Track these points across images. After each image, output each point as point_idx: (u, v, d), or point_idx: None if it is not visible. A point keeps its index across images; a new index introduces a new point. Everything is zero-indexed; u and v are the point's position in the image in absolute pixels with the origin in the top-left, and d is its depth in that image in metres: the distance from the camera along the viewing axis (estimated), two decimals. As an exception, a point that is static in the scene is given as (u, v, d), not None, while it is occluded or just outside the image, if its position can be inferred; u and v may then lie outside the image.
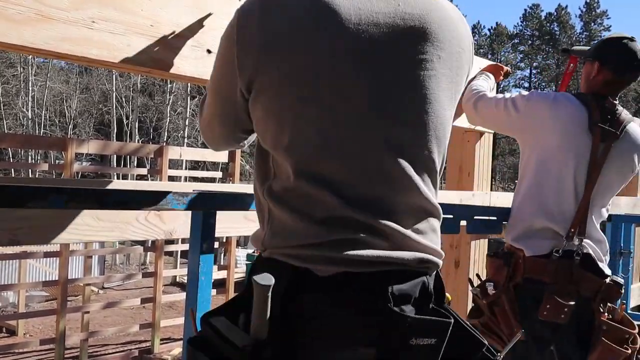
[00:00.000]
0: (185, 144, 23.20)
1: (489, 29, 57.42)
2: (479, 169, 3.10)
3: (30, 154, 26.69)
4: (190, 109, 24.67)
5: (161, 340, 8.25)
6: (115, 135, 27.20)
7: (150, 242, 11.89)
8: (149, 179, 8.49)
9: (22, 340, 9.44)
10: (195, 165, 24.04)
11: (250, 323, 0.90)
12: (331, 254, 0.94)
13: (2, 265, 12.54)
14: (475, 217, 2.43)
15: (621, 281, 2.19)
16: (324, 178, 0.96)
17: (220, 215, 1.54)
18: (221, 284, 7.55)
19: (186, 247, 7.23)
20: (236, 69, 0.99)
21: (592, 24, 53.35)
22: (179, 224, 1.76)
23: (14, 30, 1.28)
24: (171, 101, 26.14)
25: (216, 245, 8.86)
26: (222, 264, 10.66)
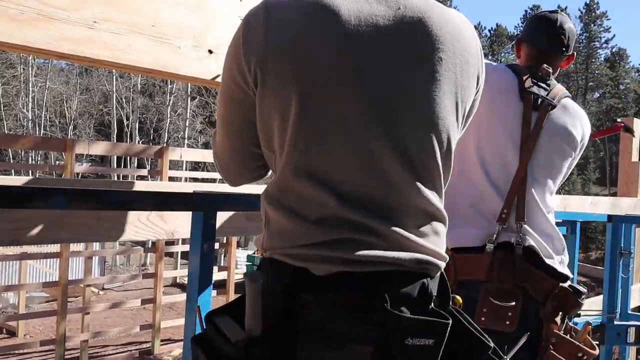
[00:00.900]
0: (186, 145, 23.22)
1: (489, 30, 57.52)
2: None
3: (30, 154, 26.70)
4: (190, 110, 24.70)
5: (161, 341, 8.25)
6: (115, 136, 27.22)
7: (150, 243, 11.89)
8: (150, 180, 8.48)
9: (23, 341, 9.44)
10: (196, 166, 24.04)
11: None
12: (328, 253, 0.95)
13: (2, 266, 12.54)
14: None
15: (583, 290, 1.79)
16: (321, 178, 0.97)
17: (220, 216, 1.55)
18: (221, 285, 7.54)
19: (186, 248, 7.24)
20: (244, 65, 1.00)
21: (591, 25, 53.35)
22: (180, 224, 1.76)
23: (15, 30, 1.28)
24: (171, 102, 26.16)
25: (216, 246, 8.87)
26: (222, 265, 10.66)
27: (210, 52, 1.72)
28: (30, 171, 15.20)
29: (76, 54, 1.40)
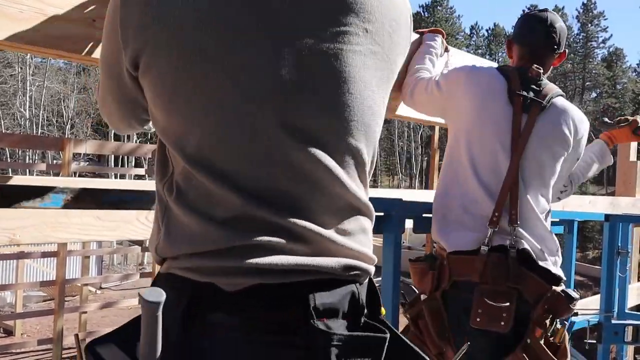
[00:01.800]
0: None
1: (487, 30, 57.61)
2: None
3: (27, 154, 26.67)
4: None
5: (159, 340, 8.24)
6: (112, 135, 27.19)
7: (147, 242, 11.90)
8: (147, 178, 8.47)
9: (20, 340, 9.42)
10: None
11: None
12: (237, 263, 0.78)
13: (0, 265, 12.53)
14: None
15: (575, 296, 1.80)
16: (222, 170, 0.80)
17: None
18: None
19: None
20: (120, 42, 0.84)
21: (589, 25, 53.45)
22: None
23: (15, 28, 1.28)
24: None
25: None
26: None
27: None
28: (28, 170, 15.18)
29: (75, 53, 1.40)
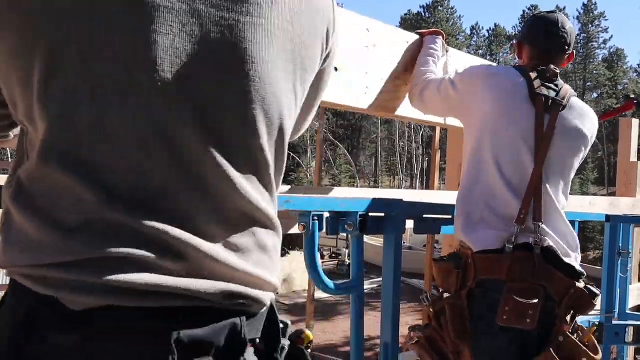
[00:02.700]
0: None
1: (487, 30, 57.56)
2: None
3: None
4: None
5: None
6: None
7: None
8: None
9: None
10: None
11: None
12: (87, 277, 0.64)
13: None
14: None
15: (596, 292, 1.81)
16: (80, 164, 0.66)
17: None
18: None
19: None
20: None
21: (590, 25, 53.48)
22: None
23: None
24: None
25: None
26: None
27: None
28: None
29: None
